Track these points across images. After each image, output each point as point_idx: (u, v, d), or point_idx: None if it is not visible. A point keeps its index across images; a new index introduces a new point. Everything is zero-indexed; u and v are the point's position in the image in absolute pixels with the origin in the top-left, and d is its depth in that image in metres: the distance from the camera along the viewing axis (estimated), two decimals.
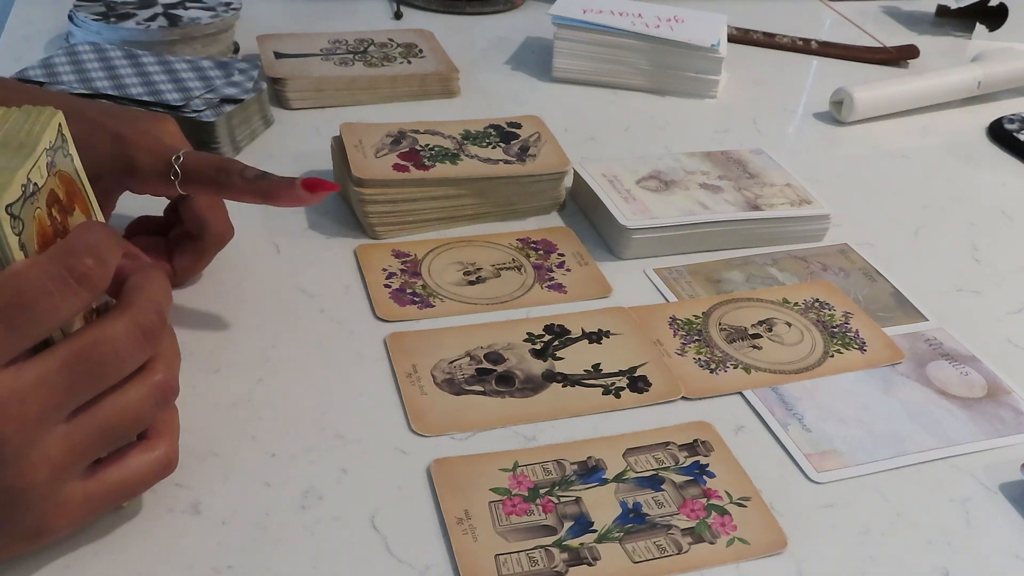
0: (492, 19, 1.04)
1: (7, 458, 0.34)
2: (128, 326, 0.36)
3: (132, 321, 0.36)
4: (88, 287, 0.35)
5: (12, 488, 0.34)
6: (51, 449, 0.35)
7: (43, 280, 0.34)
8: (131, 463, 0.38)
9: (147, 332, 0.37)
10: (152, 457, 0.39)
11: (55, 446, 0.35)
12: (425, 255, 0.61)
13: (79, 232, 0.36)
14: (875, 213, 0.71)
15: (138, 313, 0.37)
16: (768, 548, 0.43)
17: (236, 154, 0.71)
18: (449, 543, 0.41)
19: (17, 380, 0.33)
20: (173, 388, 0.39)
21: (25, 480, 0.34)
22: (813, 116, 0.87)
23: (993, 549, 0.44)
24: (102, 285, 0.35)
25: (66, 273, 0.34)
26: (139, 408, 0.37)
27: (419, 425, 0.48)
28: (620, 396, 0.51)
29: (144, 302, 0.37)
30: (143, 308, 0.37)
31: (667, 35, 0.85)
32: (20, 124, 0.37)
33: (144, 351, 0.37)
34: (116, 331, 0.36)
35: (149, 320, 0.37)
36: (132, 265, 0.40)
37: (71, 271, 0.34)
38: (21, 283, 0.33)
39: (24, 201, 0.34)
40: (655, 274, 0.61)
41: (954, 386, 0.53)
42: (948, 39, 1.09)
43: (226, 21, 0.82)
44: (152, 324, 0.37)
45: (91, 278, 0.35)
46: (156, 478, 0.40)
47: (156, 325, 0.37)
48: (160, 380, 0.38)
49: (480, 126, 0.69)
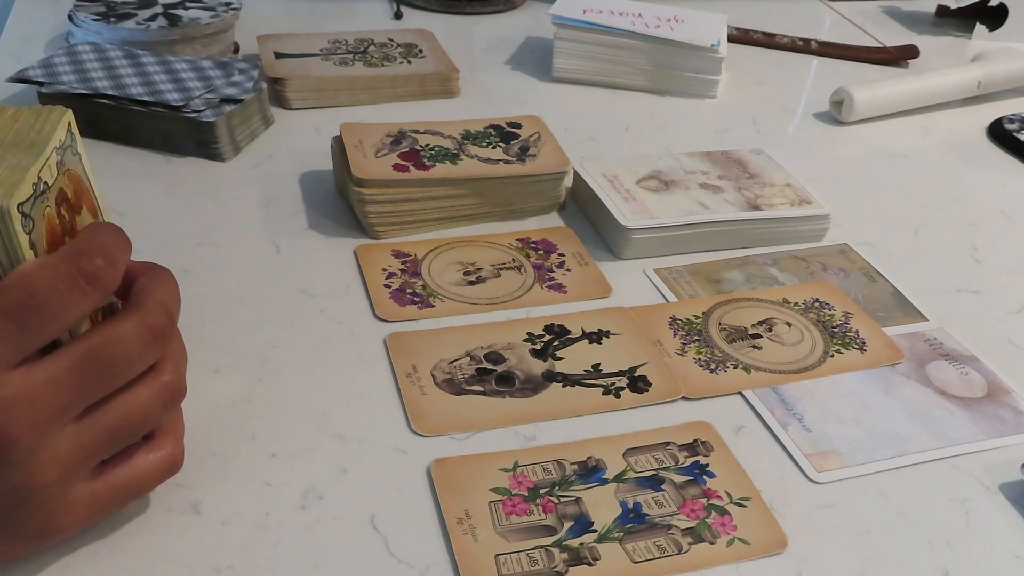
0: (492, 19, 1.04)
1: (17, 458, 0.34)
2: (137, 327, 0.36)
3: (141, 322, 0.36)
4: (99, 287, 0.35)
5: (21, 488, 0.35)
6: (60, 449, 0.35)
7: (54, 280, 0.34)
8: (137, 463, 0.39)
9: (156, 333, 0.37)
10: (158, 457, 0.39)
11: (64, 446, 0.35)
12: (425, 255, 0.61)
13: (89, 232, 0.36)
14: (875, 213, 0.71)
15: (147, 314, 0.37)
16: (768, 548, 0.43)
17: (236, 154, 0.71)
18: (449, 543, 0.41)
19: (28, 381, 0.33)
20: (181, 389, 0.39)
21: (35, 480, 0.35)
22: (813, 116, 0.87)
23: (993, 549, 0.44)
24: (112, 285, 0.36)
25: (76, 274, 0.34)
26: (147, 409, 0.38)
27: (419, 425, 0.48)
28: (620, 396, 0.51)
29: (153, 303, 0.37)
30: (152, 309, 0.37)
31: (667, 35, 0.85)
32: (31, 123, 0.37)
33: (153, 352, 0.37)
34: (126, 332, 0.36)
35: (158, 321, 0.37)
36: (140, 266, 0.40)
37: (81, 271, 0.34)
38: (32, 283, 0.33)
39: (35, 200, 0.34)
40: (655, 274, 0.61)
41: (954, 386, 0.53)
42: (948, 39, 1.08)
43: (226, 21, 0.82)
44: (161, 325, 0.37)
45: (101, 278, 0.35)
46: (162, 478, 0.40)
47: (165, 326, 0.37)
48: (168, 381, 0.38)
49: (480, 126, 0.69)
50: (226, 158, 0.70)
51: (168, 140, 0.70)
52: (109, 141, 0.71)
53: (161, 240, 0.60)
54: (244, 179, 0.68)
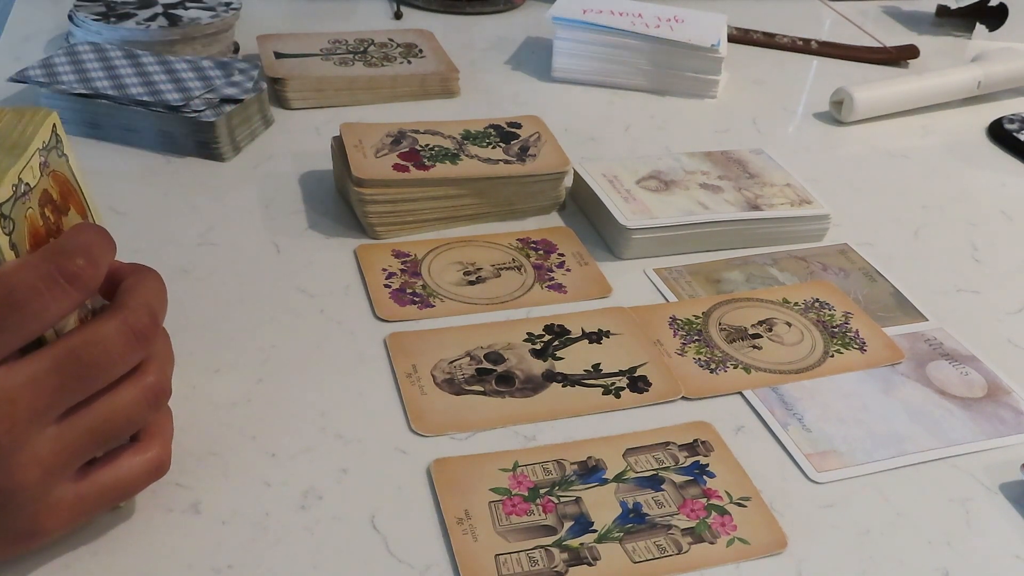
0: (492, 19, 1.04)
1: None
2: (120, 327, 0.36)
3: (124, 323, 0.36)
4: (79, 287, 0.34)
5: (2, 489, 0.34)
6: (41, 450, 0.35)
7: (33, 280, 0.33)
8: (123, 465, 0.38)
9: (139, 334, 0.36)
10: (144, 459, 0.39)
11: (45, 447, 0.35)
12: (425, 255, 0.61)
13: (71, 233, 0.36)
14: (875, 213, 0.71)
15: (130, 315, 0.36)
16: (768, 548, 0.43)
17: (236, 154, 0.71)
18: (449, 543, 0.41)
19: (7, 380, 0.33)
20: (165, 390, 0.39)
21: (14, 481, 0.34)
22: (813, 116, 0.87)
23: (993, 549, 0.44)
24: (93, 285, 0.35)
25: (56, 273, 0.34)
26: (131, 410, 0.37)
27: (419, 425, 0.48)
28: (620, 396, 0.51)
29: (136, 304, 0.37)
30: (135, 310, 0.37)
31: (667, 35, 0.85)
32: (13, 124, 0.37)
33: (136, 353, 0.37)
34: (108, 332, 0.36)
35: (141, 322, 0.37)
36: (128, 267, 0.40)
37: (61, 271, 0.34)
38: (11, 283, 0.33)
39: (15, 201, 0.34)
40: (655, 274, 0.61)
41: (954, 386, 0.53)
42: (948, 39, 1.09)
43: (226, 21, 0.82)
44: (144, 326, 0.37)
45: (82, 278, 0.35)
46: (148, 480, 0.40)
47: (148, 327, 0.37)
48: (152, 382, 0.38)
49: (480, 126, 0.69)
50: (226, 158, 0.70)
51: (168, 140, 0.70)
52: (109, 141, 0.71)
53: (161, 240, 0.60)
54: (244, 179, 0.68)
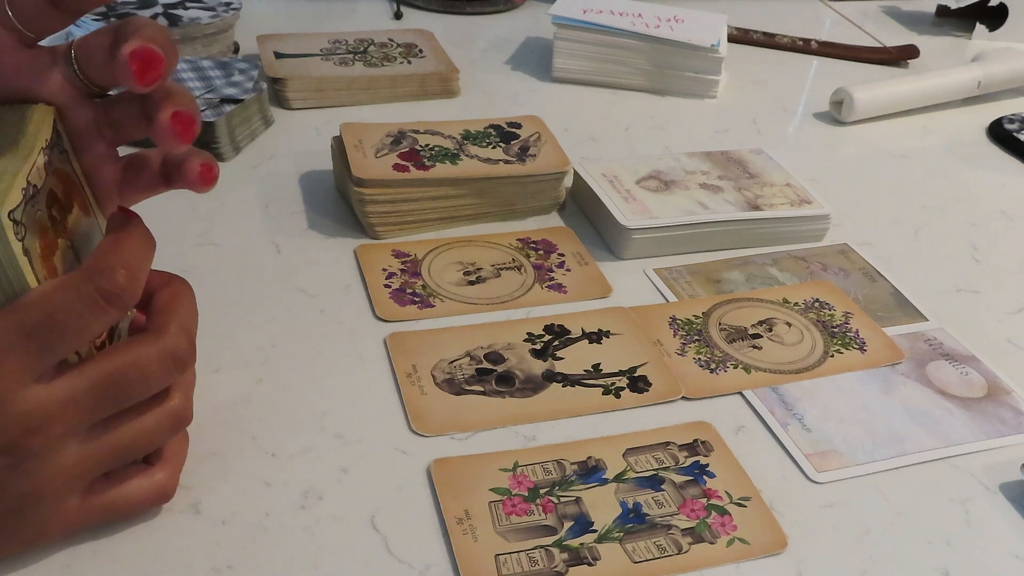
0: (492, 19, 1.04)
1: (30, 468, 0.35)
2: (161, 353, 0.37)
3: (165, 349, 0.37)
4: (118, 306, 0.35)
5: (28, 495, 0.36)
6: (67, 461, 0.36)
7: (73, 301, 0.34)
8: (131, 486, 0.39)
9: (178, 360, 0.37)
10: (151, 483, 0.40)
11: (71, 459, 0.36)
12: (425, 255, 0.61)
13: (111, 247, 0.36)
14: (875, 213, 0.71)
15: (171, 340, 0.37)
16: (768, 548, 0.43)
17: (236, 154, 0.71)
18: (449, 543, 0.41)
19: (48, 396, 0.34)
20: (188, 416, 0.40)
21: (40, 489, 0.36)
22: (813, 116, 0.87)
23: (993, 549, 0.44)
24: (132, 303, 0.36)
25: (96, 294, 0.34)
26: (154, 432, 0.38)
27: (419, 425, 0.48)
28: (620, 396, 0.51)
29: (178, 328, 0.38)
30: (176, 335, 0.37)
31: (667, 35, 0.85)
32: (14, 123, 0.36)
33: (172, 378, 0.38)
34: (149, 357, 0.36)
35: (181, 348, 0.37)
36: (161, 277, 0.40)
37: (101, 292, 0.34)
38: (52, 304, 0.33)
39: (25, 205, 0.34)
40: (655, 274, 0.61)
41: (954, 386, 0.53)
42: (948, 39, 1.09)
43: (226, 21, 0.82)
44: (184, 353, 0.37)
45: (122, 298, 0.35)
46: (151, 505, 0.41)
47: (188, 354, 0.38)
48: (177, 406, 0.39)
49: (480, 126, 0.69)
50: (226, 158, 0.70)
51: None
52: None
53: (161, 240, 0.59)
54: (244, 179, 0.68)
